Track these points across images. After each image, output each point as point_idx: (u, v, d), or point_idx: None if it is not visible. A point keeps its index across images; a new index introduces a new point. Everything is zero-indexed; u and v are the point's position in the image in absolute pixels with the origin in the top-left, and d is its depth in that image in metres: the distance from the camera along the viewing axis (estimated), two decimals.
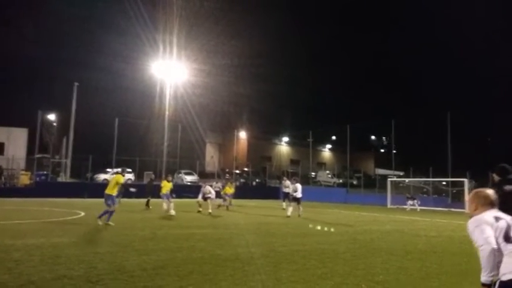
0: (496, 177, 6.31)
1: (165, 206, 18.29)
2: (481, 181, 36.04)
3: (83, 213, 16.93)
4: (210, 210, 18.61)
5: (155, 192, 21.05)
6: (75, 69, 45.90)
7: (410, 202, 29.01)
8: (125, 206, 22.46)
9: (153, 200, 21.27)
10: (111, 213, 13.06)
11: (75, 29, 53.45)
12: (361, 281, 6.30)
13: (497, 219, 3.27)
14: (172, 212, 17.33)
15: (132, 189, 21.86)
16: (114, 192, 13.48)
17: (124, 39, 53.30)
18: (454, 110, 39.16)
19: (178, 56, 40.57)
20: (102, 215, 13.03)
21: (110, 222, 12.80)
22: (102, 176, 38.28)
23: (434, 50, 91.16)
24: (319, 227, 14.26)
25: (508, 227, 3.21)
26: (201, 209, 18.92)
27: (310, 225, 14.75)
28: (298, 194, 18.60)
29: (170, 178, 19.80)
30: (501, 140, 49.83)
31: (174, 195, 19.00)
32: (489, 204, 3.39)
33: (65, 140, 38.94)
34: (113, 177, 14.51)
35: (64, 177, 37.04)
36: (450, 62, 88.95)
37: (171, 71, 38.70)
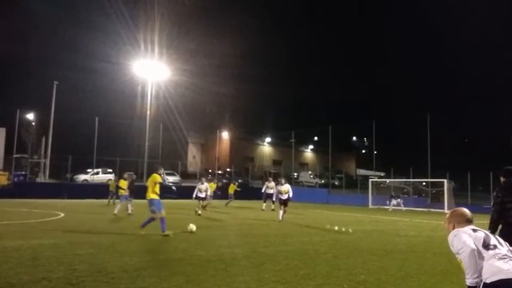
0: (502, 179, 6.44)
1: (129, 206, 17.79)
2: (460, 182, 36.81)
3: (62, 214, 16.68)
4: (199, 212, 18.58)
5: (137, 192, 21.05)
6: (55, 68, 45.16)
7: (394, 202, 29.26)
8: (106, 208, 22.23)
9: (134, 201, 21.03)
10: (162, 221, 11.19)
11: (53, 27, 52.52)
12: (343, 281, 6.35)
13: (474, 230, 3.42)
14: (129, 211, 17.21)
15: (174, 188, 21.55)
16: (156, 196, 11.39)
17: (104, 38, 52.84)
18: (434, 112, 39.80)
19: (160, 55, 40.34)
20: (146, 223, 11.36)
21: (167, 232, 11.04)
22: (82, 177, 37.80)
23: (415, 52, 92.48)
24: (336, 228, 14.30)
25: (486, 236, 3.35)
26: (200, 212, 18.69)
27: (328, 226, 14.69)
28: (290, 194, 17.41)
29: (126, 176, 19.25)
30: (478, 142, 50.87)
31: (132, 196, 18.48)
32: (465, 221, 3.54)
33: (44, 139, 38.30)
34: (150, 177, 12.00)
35: (43, 178, 36.45)
36: (430, 65, 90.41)
37: (153, 70, 38.42)
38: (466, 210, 3.65)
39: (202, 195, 19.34)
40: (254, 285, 5.94)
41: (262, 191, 25.02)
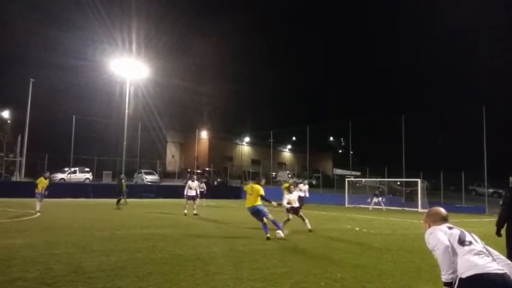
0: (511, 179, 6.65)
1: (38, 205, 17.40)
2: (433, 181, 37.57)
3: (38, 214, 16.40)
4: (195, 212, 18.09)
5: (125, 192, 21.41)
6: (30, 66, 44.28)
7: (375, 200, 29.54)
8: (85, 206, 21.94)
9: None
10: (277, 224, 11.29)
11: (28, 24, 51.37)
12: (320, 279, 6.46)
13: (450, 228, 3.52)
14: (37, 207, 16.95)
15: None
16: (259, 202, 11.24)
17: (81, 36, 51.96)
18: (408, 113, 40.50)
19: (138, 54, 39.94)
20: (278, 227, 11.26)
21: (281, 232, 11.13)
22: (59, 176, 37.22)
23: (390, 54, 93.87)
24: (357, 228, 14.43)
25: (462, 232, 3.44)
26: (194, 211, 18.10)
27: (357, 228, 14.75)
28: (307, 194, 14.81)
29: (47, 175, 18.87)
30: (451, 143, 52.01)
31: (46, 193, 18.10)
32: (441, 219, 3.64)
33: (19, 138, 37.49)
34: (254, 187, 11.50)
35: (18, 177, 35.70)
36: (404, 66, 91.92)
37: (131, 68, 38.03)
38: (441, 209, 3.75)
39: (193, 193, 18.26)
40: (232, 283, 6.00)
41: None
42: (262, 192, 11.35)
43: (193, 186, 18.46)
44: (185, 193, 18.32)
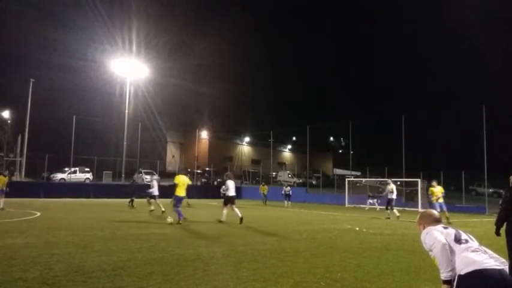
0: (511, 179, 6.65)
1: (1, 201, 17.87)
2: (433, 181, 37.53)
3: (38, 214, 16.42)
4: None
5: (137, 192, 22.13)
6: (31, 66, 44.31)
7: (370, 201, 29.70)
8: (85, 206, 21.96)
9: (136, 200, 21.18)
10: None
11: (29, 24, 51.42)
12: (320, 278, 6.46)
13: (445, 228, 3.60)
14: (0, 205, 17.22)
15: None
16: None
17: (81, 36, 52.07)
18: (409, 113, 40.51)
19: (139, 54, 39.99)
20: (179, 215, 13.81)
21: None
22: (59, 176, 37.24)
23: (391, 54, 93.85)
24: (357, 228, 14.49)
25: (457, 232, 3.50)
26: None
27: (357, 228, 14.80)
28: (230, 193, 16.04)
29: (6, 173, 19.44)
30: (451, 142, 52.00)
31: (8, 189, 18.31)
32: (434, 221, 3.72)
33: (19, 138, 37.53)
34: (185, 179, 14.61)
35: (19, 177, 35.72)
36: (405, 67, 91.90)
37: (131, 68, 38.04)
38: (433, 211, 3.87)
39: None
40: (232, 283, 6.00)
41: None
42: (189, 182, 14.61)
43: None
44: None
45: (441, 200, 18.79)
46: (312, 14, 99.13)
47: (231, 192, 15.89)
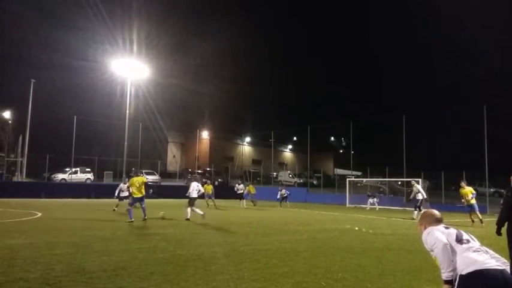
0: None
1: None
2: (434, 181, 37.54)
3: (39, 214, 16.43)
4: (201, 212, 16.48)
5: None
6: (32, 66, 44.28)
7: (370, 200, 29.71)
8: (86, 206, 21.96)
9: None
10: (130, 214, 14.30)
11: (30, 24, 51.50)
12: (321, 279, 6.46)
13: (446, 228, 3.60)
14: None
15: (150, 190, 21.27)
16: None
17: (82, 36, 52.05)
18: (409, 113, 40.53)
19: (139, 54, 39.99)
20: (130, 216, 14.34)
21: None
22: (60, 176, 37.28)
23: (391, 54, 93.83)
24: (356, 228, 14.59)
25: (459, 232, 3.51)
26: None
27: (356, 228, 14.85)
28: (193, 194, 16.36)
29: None
30: (452, 143, 51.93)
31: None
32: (435, 221, 3.71)
33: (20, 138, 37.57)
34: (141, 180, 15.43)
35: (20, 177, 35.77)
36: (406, 68, 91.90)
37: (132, 69, 38.06)
38: (435, 211, 3.84)
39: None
40: (233, 283, 6.00)
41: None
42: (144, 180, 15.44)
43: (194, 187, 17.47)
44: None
45: (473, 201, 17.70)
46: (313, 14, 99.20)
47: (193, 194, 16.40)
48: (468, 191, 17.56)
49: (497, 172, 28.51)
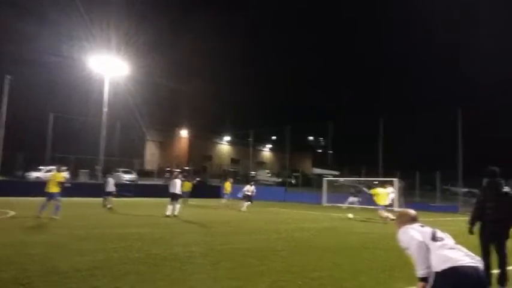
0: (485, 180, 6.80)
1: None
2: (409, 181, 38.17)
3: (13, 213, 16.09)
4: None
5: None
6: (5, 63, 43.01)
7: (350, 199, 29.82)
8: (62, 205, 21.52)
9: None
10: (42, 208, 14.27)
11: (2, 20, 50.07)
12: (297, 277, 6.51)
13: (422, 226, 3.70)
14: None
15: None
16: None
17: (58, 32, 50.84)
18: (386, 113, 41.15)
19: (118, 51, 39.39)
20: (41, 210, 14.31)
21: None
22: (34, 174, 36.50)
23: (370, 56, 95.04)
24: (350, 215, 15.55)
25: (433, 230, 3.60)
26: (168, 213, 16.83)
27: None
28: (171, 190, 16.95)
29: None
30: (427, 143, 52.87)
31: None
32: (411, 220, 3.82)
33: None
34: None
35: None
36: (383, 68, 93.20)
37: (111, 66, 37.51)
38: (410, 211, 3.95)
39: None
40: (210, 283, 6.00)
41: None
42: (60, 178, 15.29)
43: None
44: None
45: (383, 202, 18.29)
46: (294, 14, 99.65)
47: (172, 189, 17.04)
48: (385, 193, 18.39)
49: (470, 172, 29.20)
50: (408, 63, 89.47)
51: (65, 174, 16.86)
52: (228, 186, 26.36)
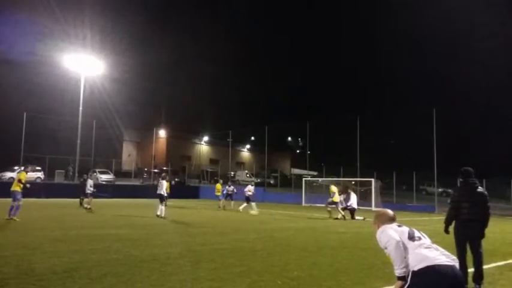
0: (459, 179, 6.91)
1: None
2: (386, 181, 38.76)
3: None
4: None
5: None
6: None
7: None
8: (36, 206, 21.08)
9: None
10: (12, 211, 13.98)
11: None
12: (277, 277, 6.53)
13: (399, 226, 3.75)
14: None
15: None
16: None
17: (30, 30, 49.63)
18: (363, 114, 41.61)
19: (93, 50, 38.79)
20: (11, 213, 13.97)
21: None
22: (8, 174, 35.65)
23: (347, 57, 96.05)
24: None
25: (410, 229, 3.66)
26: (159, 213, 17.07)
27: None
28: (162, 191, 17.43)
29: None
30: (403, 144, 53.82)
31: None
32: (389, 220, 3.86)
33: None
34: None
35: None
36: (360, 69, 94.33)
37: (86, 64, 36.91)
38: (388, 211, 4.01)
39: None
40: (189, 284, 5.96)
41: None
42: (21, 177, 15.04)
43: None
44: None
45: (336, 199, 19.47)
46: (274, 14, 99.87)
47: (159, 190, 17.59)
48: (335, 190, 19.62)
49: (445, 172, 29.81)
50: (385, 63, 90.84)
51: (32, 174, 16.83)
52: (219, 187, 26.98)
